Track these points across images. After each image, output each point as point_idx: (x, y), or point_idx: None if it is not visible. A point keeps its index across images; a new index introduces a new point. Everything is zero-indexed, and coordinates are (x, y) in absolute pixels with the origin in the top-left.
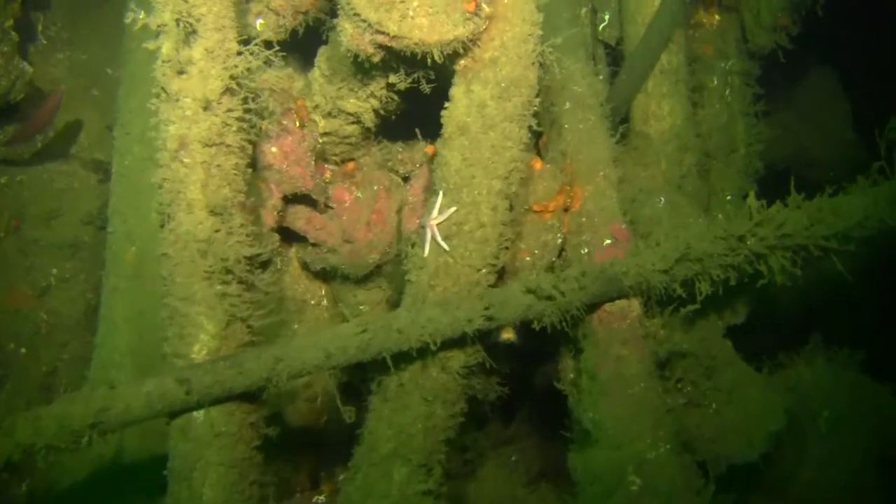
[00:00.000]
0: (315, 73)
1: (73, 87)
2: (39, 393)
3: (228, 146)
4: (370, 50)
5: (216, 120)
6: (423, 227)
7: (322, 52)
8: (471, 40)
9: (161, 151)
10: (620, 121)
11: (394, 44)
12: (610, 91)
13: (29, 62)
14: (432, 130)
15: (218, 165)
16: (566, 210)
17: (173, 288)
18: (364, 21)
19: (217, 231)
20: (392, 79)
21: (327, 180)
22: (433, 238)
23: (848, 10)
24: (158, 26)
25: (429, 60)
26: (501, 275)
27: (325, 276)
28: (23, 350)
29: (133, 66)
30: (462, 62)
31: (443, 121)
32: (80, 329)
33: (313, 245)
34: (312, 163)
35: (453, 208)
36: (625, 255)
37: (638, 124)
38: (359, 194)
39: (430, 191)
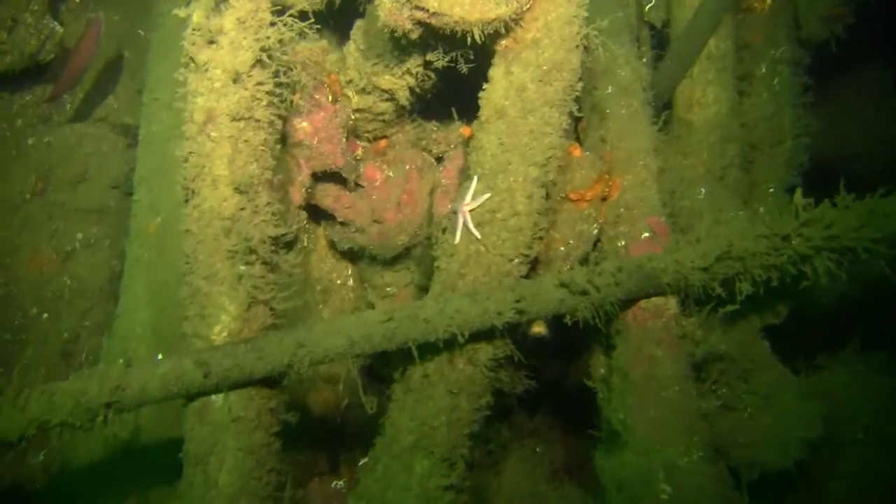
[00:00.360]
0: (350, 47)
1: (105, 48)
2: (60, 359)
3: (257, 121)
4: (408, 26)
5: (245, 93)
6: (455, 212)
7: (358, 25)
8: (513, 20)
9: (188, 123)
10: (663, 106)
11: (433, 21)
12: (654, 76)
13: (60, 21)
14: (469, 110)
15: (245, 140)
16: (604, 200)
17: (195, 266)
18: None
19: (242, 209)
20: (429, 56)
21: (358, 157)
22: (465, 225)
23: None
24: None
25: (468, 40)
26: (534, 265)
27: (352, 256)
28: (45, 315)
29: (163, 31)
30: (503, 42)
31: (480, 103)
32: (103, 296)
33: (341, 224)
34: (344, 139)
35: (487, 195)
36: (663, 250)
37: (681, 111)
38: (390, 173)
39: (463, 174)
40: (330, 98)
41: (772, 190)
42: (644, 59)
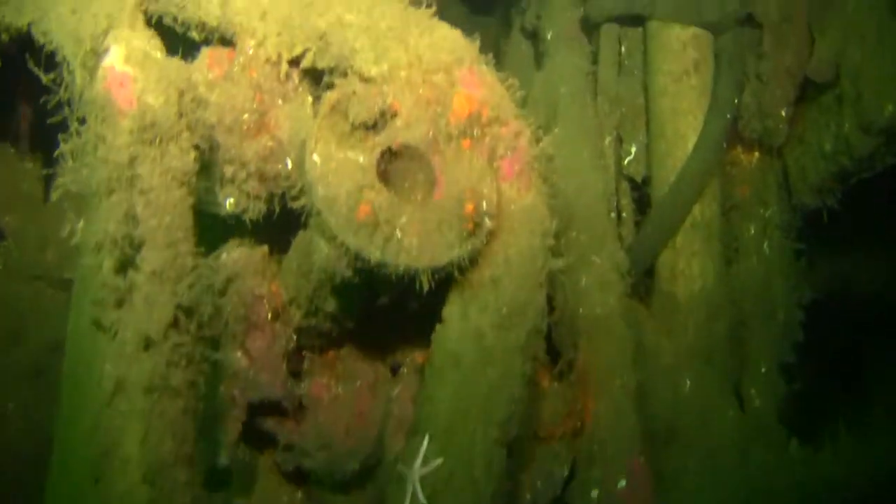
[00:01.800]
0: (291, 264)
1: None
2: None
3: (175, 389)
4: (348, 274)
5: (160, 359)
6: (402, 476)
7: (298, 242)
8: (468, 260)
9: (94, 391)
10: (645, 273)
11: (376, 270)
12: (634, 242)
13: None
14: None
15: (160, 413)
16: (575, 434)
17: None
18: (342, 245)
19: (156, 496)
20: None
21: (304, 369)
22: (415, 494)
23: None
24: (97, 243)
25: (417, 285)
26: None
27: (298, 476)
28: None
29: None
30: (458, 278)
31: (433, 345)
32: (35, 465)
33: (285, 448)
34: (284, 366)
35: (440, 460)
36: None
37: (664, 283)
38: (339, 390)
39: (414, 429)
40: (269, 315)
41: (764, 370)
42: (624, 214)
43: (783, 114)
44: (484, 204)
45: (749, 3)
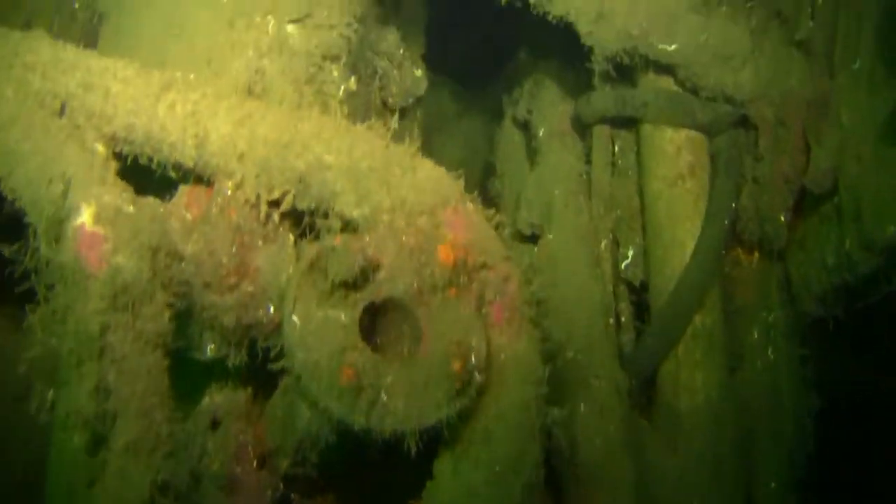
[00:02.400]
0: (275, 412)
1: None
2: None
3: None
4: (333, 438)
5: None
6: None
7: (281, 391)
8: (459, 416)
9: None
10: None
11: (360, 434)
12: (635, 352)
13: None
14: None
15: None
16: None
17: None
18: (325, 410)
19: None
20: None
21: None
22: None
23: None
24: (66, 419)
25: (405, 445)
26: None
27: None
28: None
29: None
30: (447, 433)
31: (424, 501)
32: None
33: None
34: None
35: None
36: None
37: (666, 395)
38: None
39: None
40: (255, 463)
41: (774, 485)
42: (623, 319)
43: (782, 219)
44: (473, 358)
45: (743, 104)
